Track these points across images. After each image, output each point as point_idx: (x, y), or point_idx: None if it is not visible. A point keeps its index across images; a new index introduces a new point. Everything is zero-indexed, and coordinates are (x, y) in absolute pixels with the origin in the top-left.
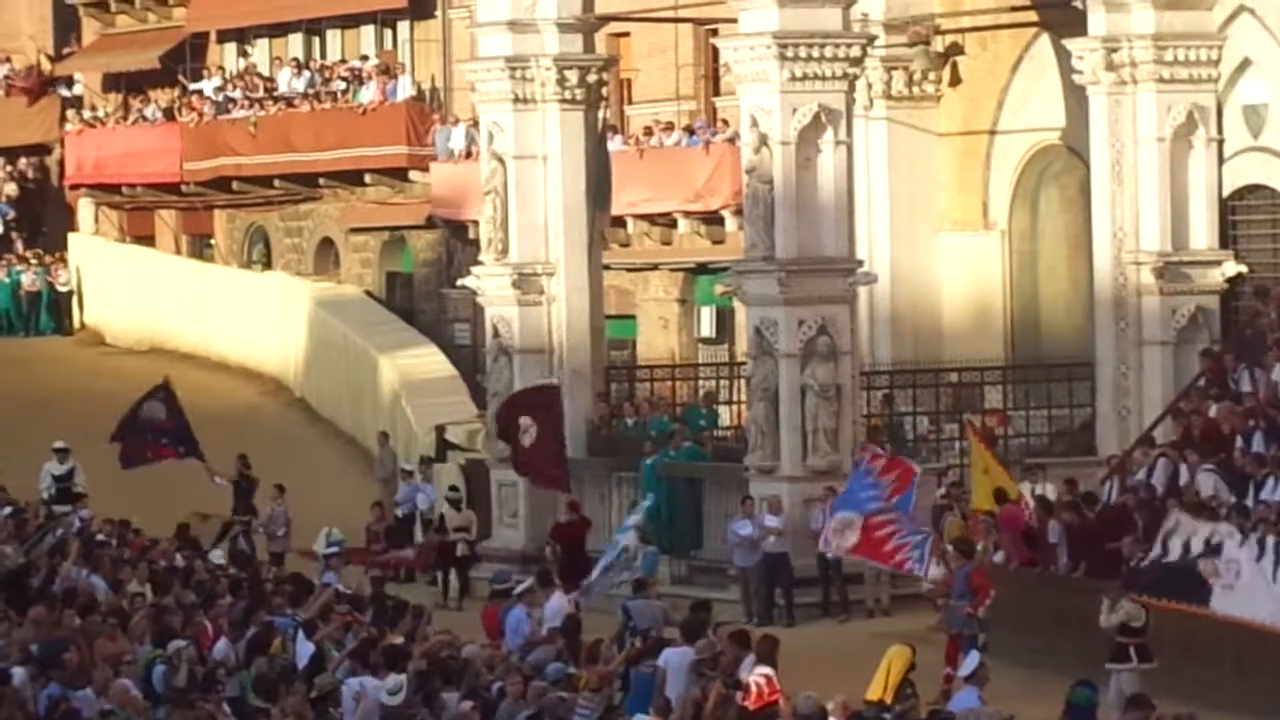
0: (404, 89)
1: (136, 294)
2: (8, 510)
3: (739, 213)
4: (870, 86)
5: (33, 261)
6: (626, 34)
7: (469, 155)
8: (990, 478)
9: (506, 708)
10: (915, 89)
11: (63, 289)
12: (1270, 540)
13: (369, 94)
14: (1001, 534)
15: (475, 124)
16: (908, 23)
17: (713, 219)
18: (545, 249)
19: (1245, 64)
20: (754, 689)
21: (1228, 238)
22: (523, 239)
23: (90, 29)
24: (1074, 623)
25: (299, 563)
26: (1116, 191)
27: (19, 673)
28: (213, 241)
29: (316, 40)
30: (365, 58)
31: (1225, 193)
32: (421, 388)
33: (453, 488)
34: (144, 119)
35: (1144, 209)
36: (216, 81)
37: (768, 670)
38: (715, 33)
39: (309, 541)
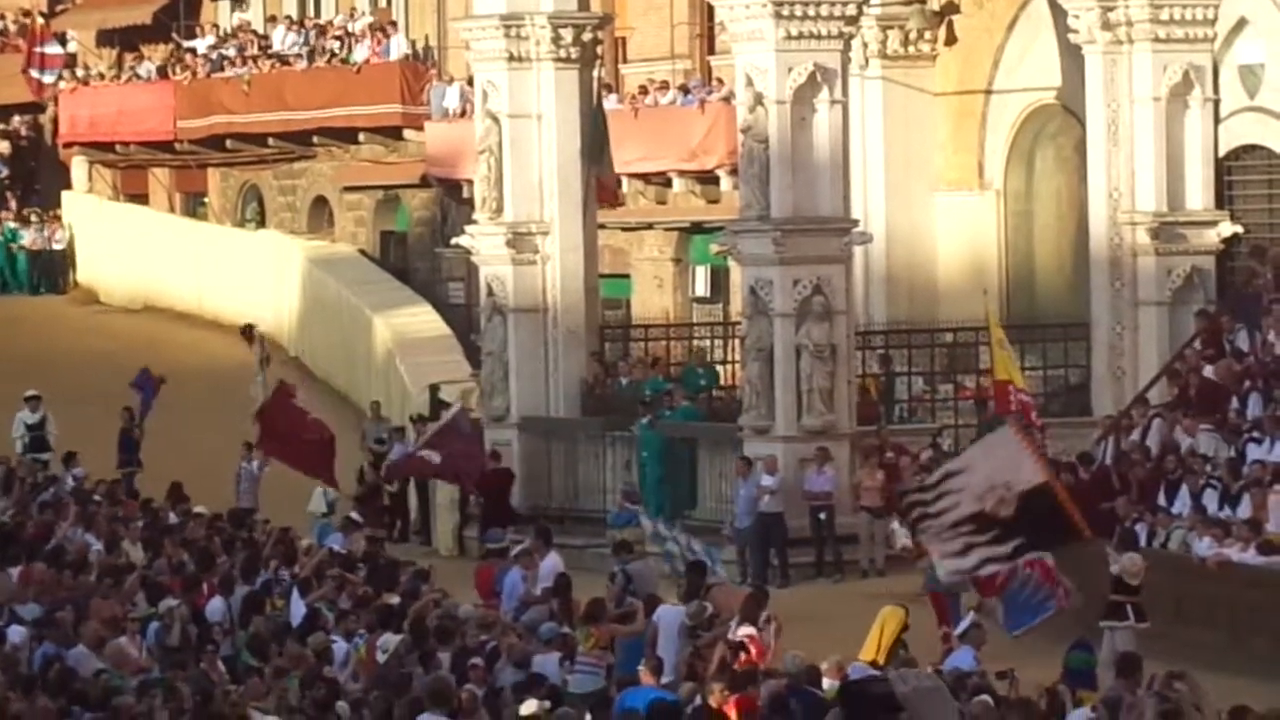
0: (397, 47)
1: (130, 252)
2: None
3: (734, 172)
4: (866, 45)
5: (34, 220)
6: None
7: (463, 114)
8: (1008, 358)
9: (502, 668)
10: (911, 48)
11: (58, 247)
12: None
13: (362, 52)
14: None
15: (470, 82)
16: None
17: (708, 178)
18: (540, 208)
19: (1241, 23)
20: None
21: (1223, 198)
22: (517, 198)
23: None
24: (1072, 583)
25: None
26: (1112, 151)
27: (17, 631)
28: (206, 200)
29: None
30: (354, 12)
31: (1221, 153)
32: (415, 346)
33: (379, 440)
34: (138, 77)
35: (1139, 169)
36: (210, 39)
37: (750, 630)
38: None
39: (300, 502)
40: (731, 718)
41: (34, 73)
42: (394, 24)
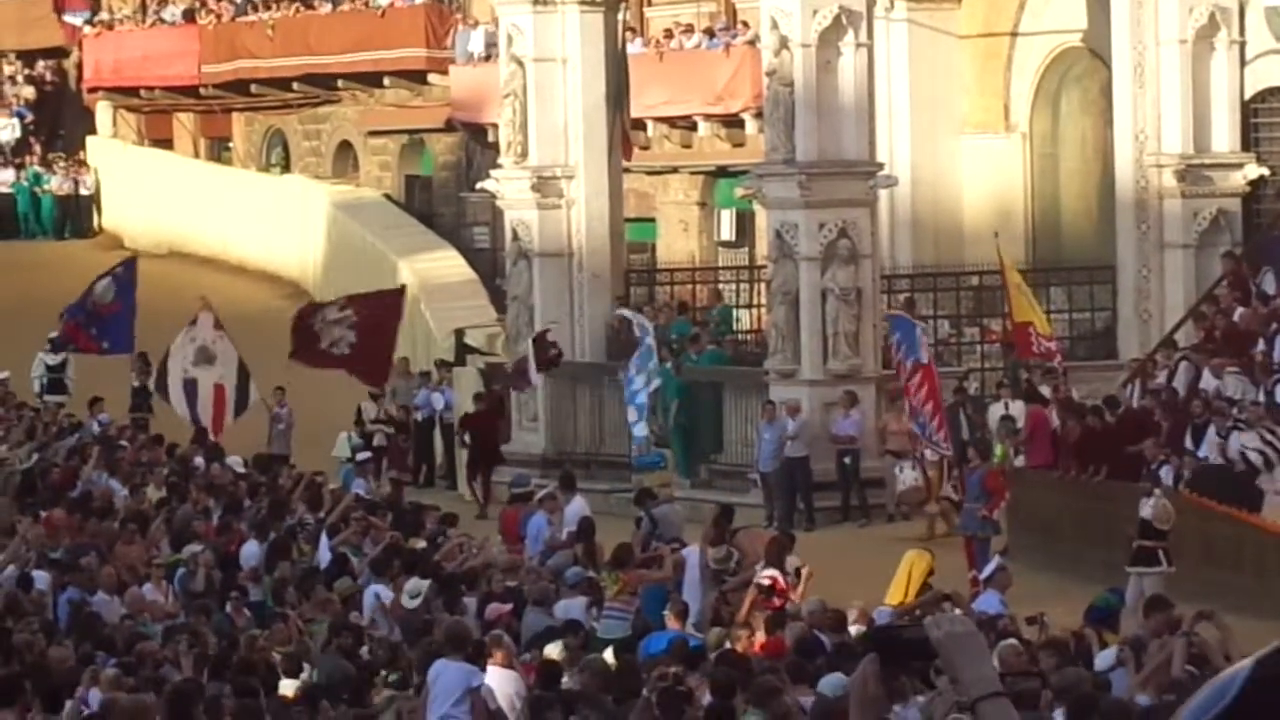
0: None
1: (155, 197)
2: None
3: (759, 115)
4: None
5: (60, 165)
6: None
7: (488, 58)
8: (1026, 300)
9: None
10: None
11: (85, 192)
12: None
13: None
14: (1026, 434)
15: (495, 26)
16: None
17: (733, 122)
18: (565, 152)
19: None
20: (757, 591)
21: (1249, 140)
22: (542, 142)
23: None
24: (1098, 526)
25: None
26: (1138, 94)
27: (40, 576)
28: (231, 144)
29: None
30: None
31: (1247, 95)
32: (440, 291)
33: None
34: (162, 21)
35: (1165, 111)
36: None
37: (773, 572)
38: None
39: (327, 448)
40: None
41: (67, 16)
42: None
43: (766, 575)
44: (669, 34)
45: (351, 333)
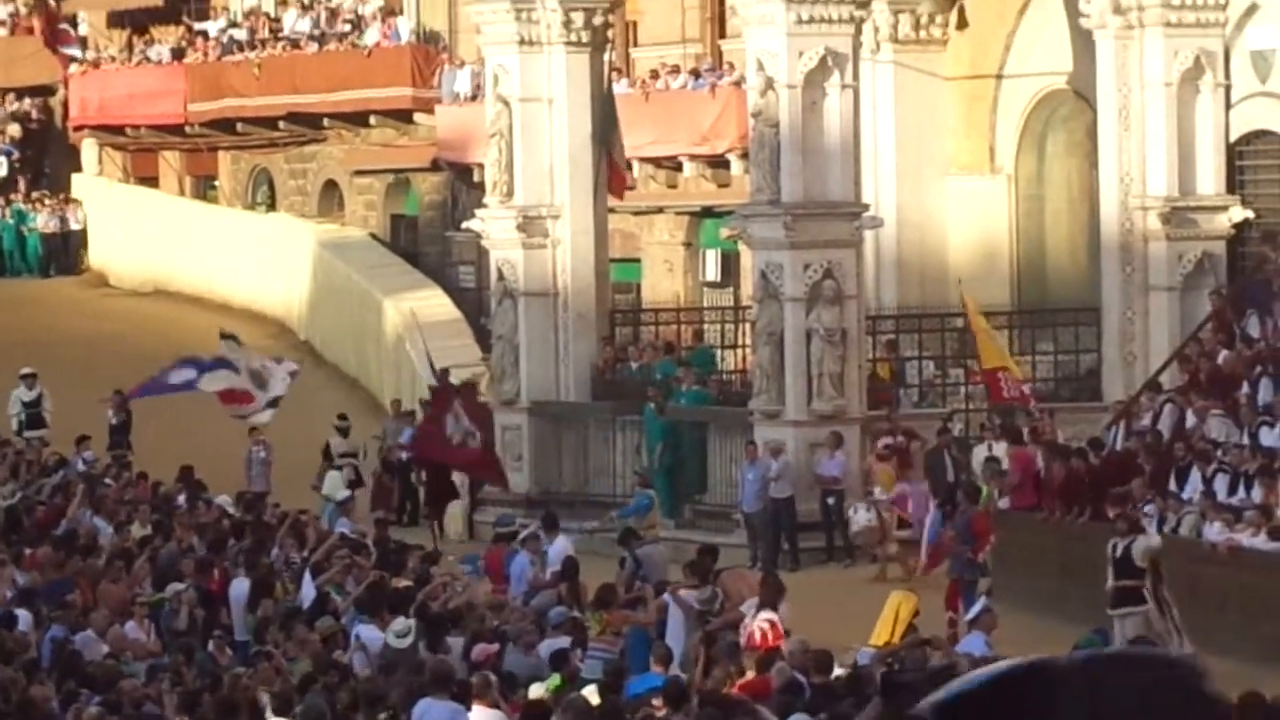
0: (404, 31)
1: (140, 236)
2: None
3: (745, 156)
4: (877, 30)
5: (47, 202)
6: None
7: (474, 98)
8: (994, 345)
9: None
10: (922, 32)
11: (75, 227)
12: None
13: (373, 35)
14: (1012, 476)
15: (481, 65)
16: None
17: (718, 162)
18: (550, 192)
19: (1253, 8)
20: (758, 634)
21: (1235, 183)
22: (528, 182)
23: None
24: (1082, 568)
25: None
26: (1123, 136)
27: (23, 615)
28: (217, 183)
29: None
30: None
31: (1232, 138)
32: (426, 330)
33: (340, 415)
34: (148, 60)
35: (1151, 154)
36: (222, 22)
37: (772, 615)
38: None
39: (300, 484)
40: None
41: (63, 49)
42: (399, 6)
43: (763, 618)
44: (655, 74)
45: (474, 433)
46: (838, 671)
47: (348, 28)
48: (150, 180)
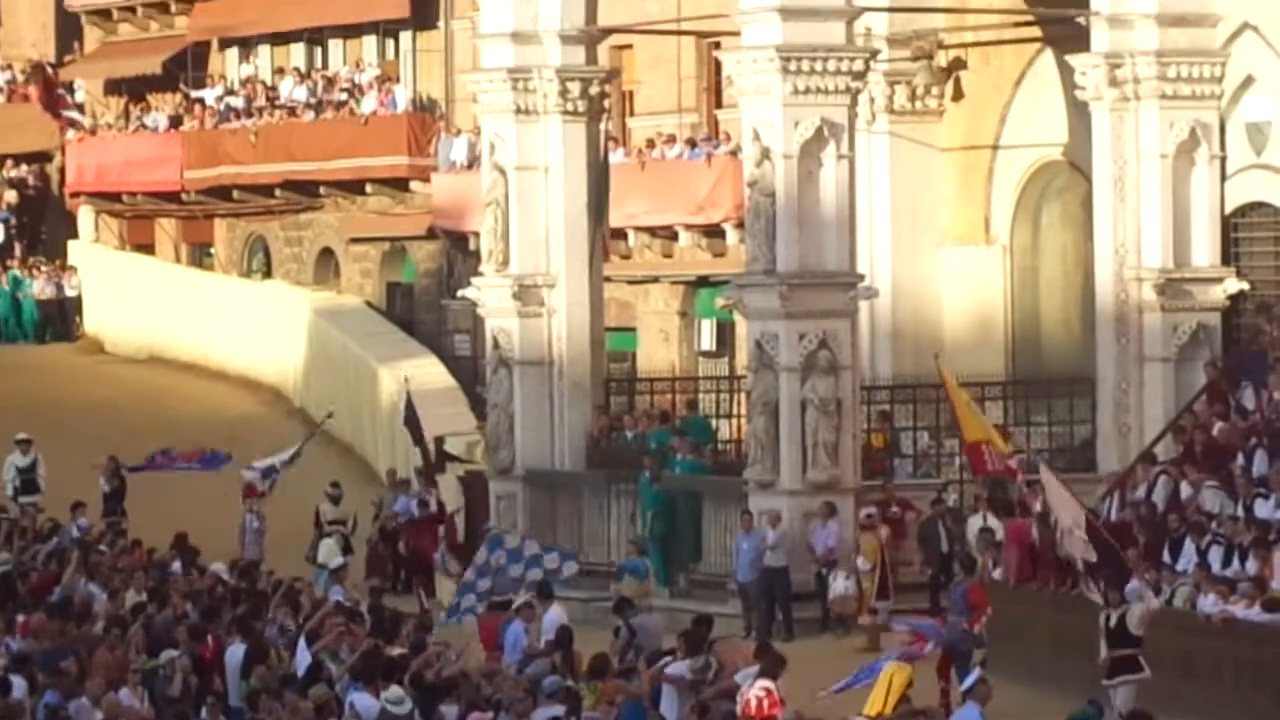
0: (402, 99)
1: (136, 302)
2: None
3: (740, 226)
4: (873, 101)
5: (43, 269)
6: (629, 46)
7: (470, 166)
8: (976, 419)
9: None
10: (918, 103)
11: (71, 294)
12: None
13: (370, 104)
14: (1007, 548)
15: (477, 134)
16: (911, 37)
17: (714, 232)
18: (546, 261)
19: (1248, 81)
20: (754, 702)
21: (1230, 255)
22: (524, 250)
23: (92, 37)
24: (1076, 639)
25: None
26: (1119, 207)
27: (18, 682)
28: (213, 250)
29: (319, 50)
30: (361, 64)
31: (1227, 210)
32: (421, 399)
33: (334, 484)
34: (145, 127)
35: (1146, 225)
36: (219, 90)
37: (768, 684)
38: (718, 45)
39: (294, 552)
40: None
41: (63, 113)
42: (396, 75)
43: (761, 686)
44: (651, 144)
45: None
46: None
47: (344, 96)
48: (146, 247)
